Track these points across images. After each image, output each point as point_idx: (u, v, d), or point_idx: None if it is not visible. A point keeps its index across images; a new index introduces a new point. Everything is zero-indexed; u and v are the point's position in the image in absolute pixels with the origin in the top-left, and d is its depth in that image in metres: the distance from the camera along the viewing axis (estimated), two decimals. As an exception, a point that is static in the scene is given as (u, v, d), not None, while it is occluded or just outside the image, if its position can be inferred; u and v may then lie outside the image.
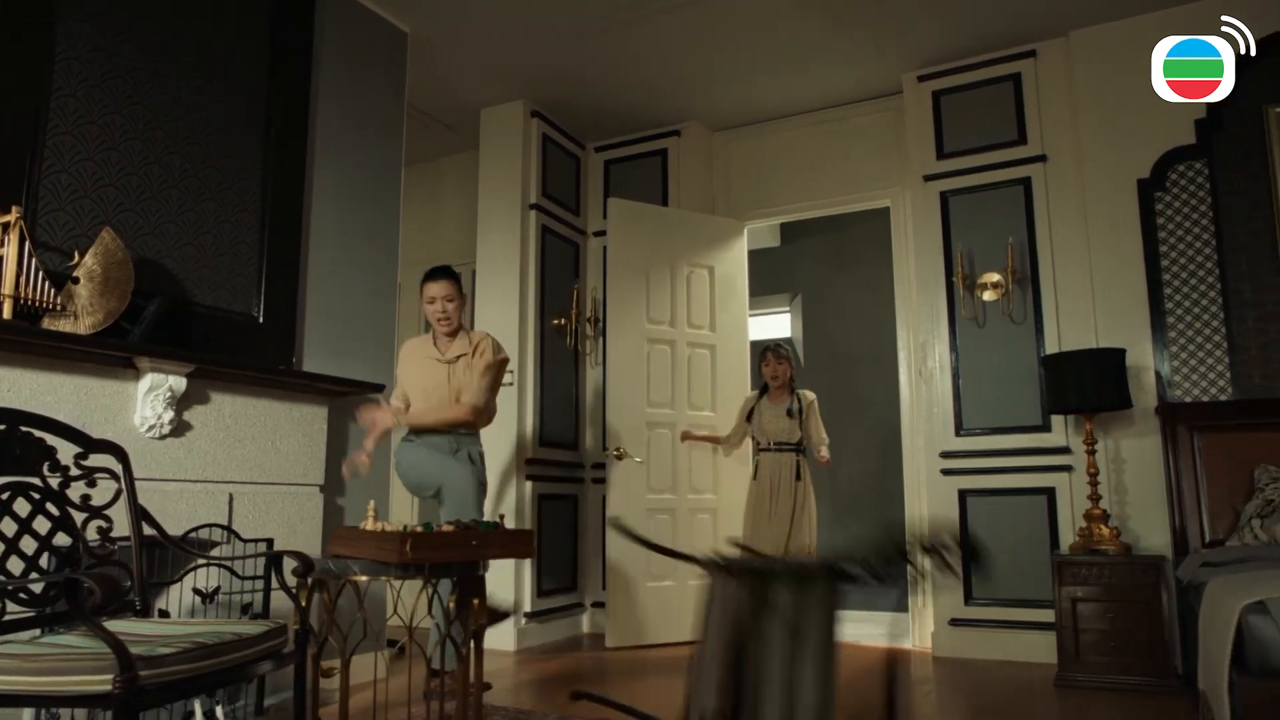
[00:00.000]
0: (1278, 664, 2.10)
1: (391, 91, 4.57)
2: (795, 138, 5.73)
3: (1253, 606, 2.19)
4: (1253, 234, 4.25)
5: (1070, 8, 4.57)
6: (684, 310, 5.45)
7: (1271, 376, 4.14)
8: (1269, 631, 2.12)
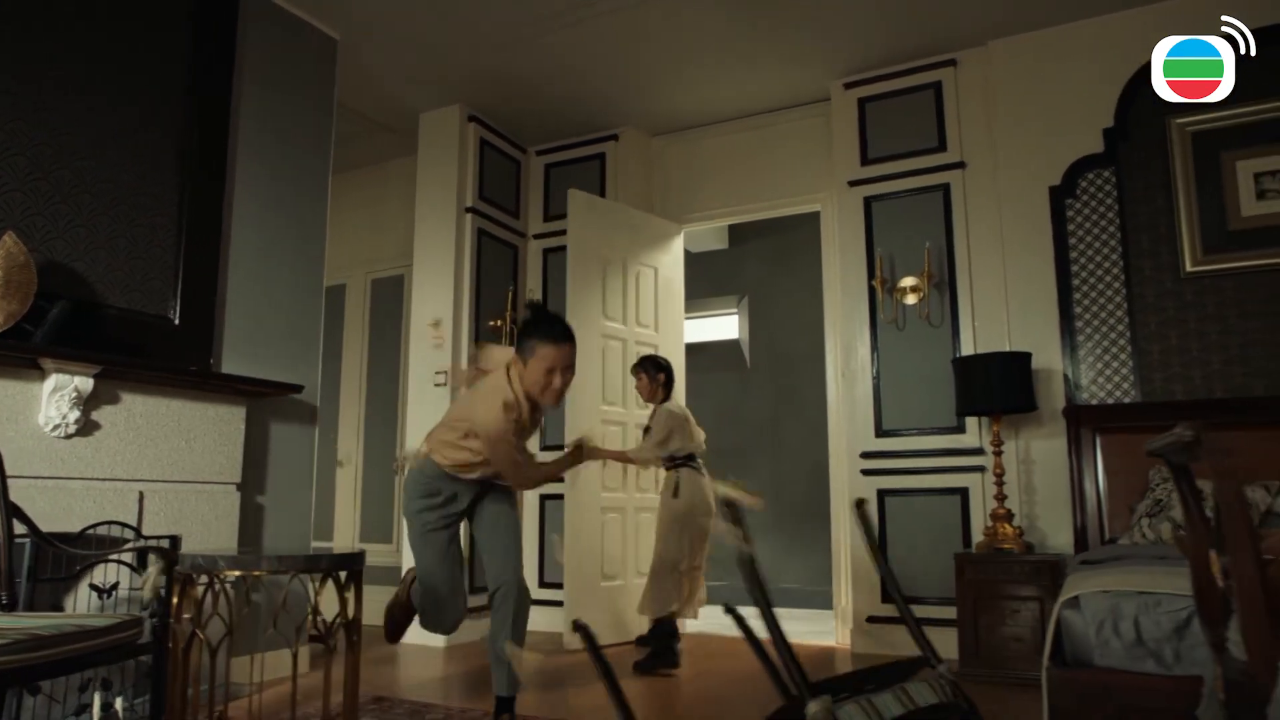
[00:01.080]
0: (1085, 655, 2.20)
1: (320, 97, 4.64)
2: (730, 142, 5.82)
3: (1069, 602, 2.29)
4: (1155, 241, 4.35)
5: (989, 18, 4.67)
6: (633, 309, 5.53)
7: (1172, 379, 4.25)
8: (1078, 625, 2.22)
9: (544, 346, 2.99)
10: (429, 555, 3.26)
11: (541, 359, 2.98)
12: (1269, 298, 4.10)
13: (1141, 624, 2.14)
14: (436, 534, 3.26)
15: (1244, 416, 4.03)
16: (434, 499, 3.24)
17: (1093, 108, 4.54)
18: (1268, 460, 3.88)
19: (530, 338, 3.03)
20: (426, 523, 3.25)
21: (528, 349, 3.02)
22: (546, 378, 3.00)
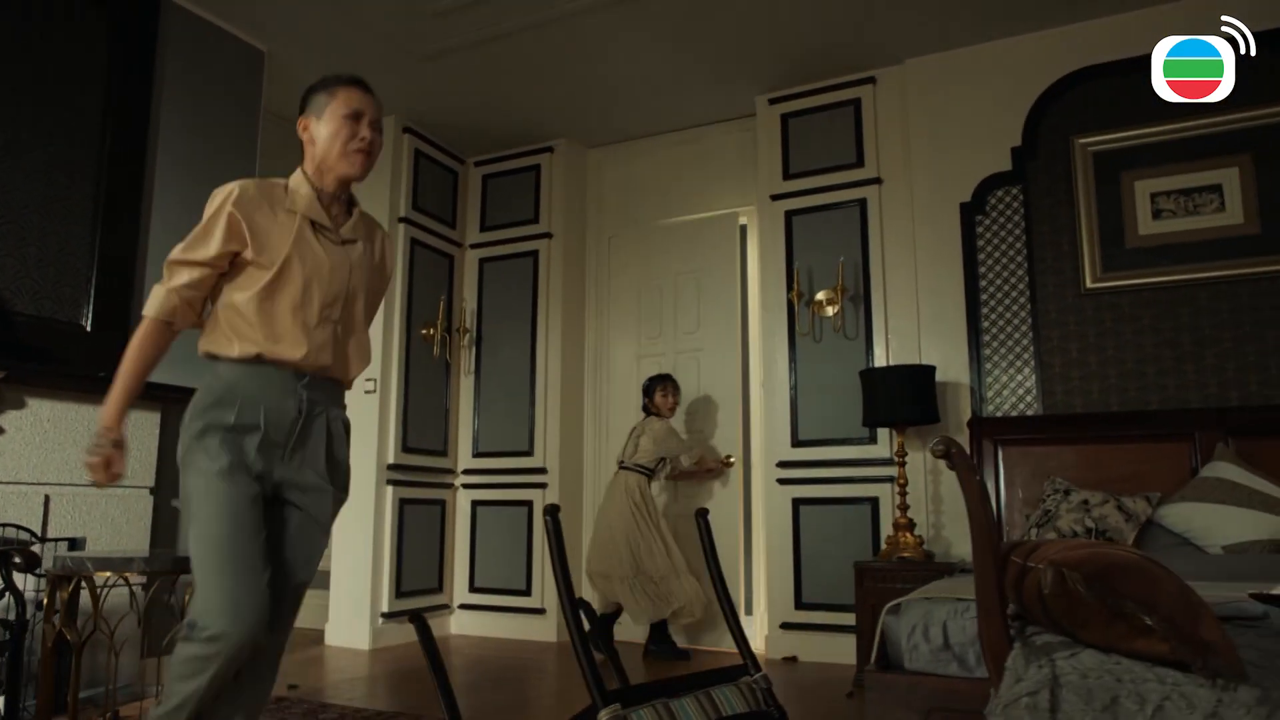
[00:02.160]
0: (898, 659, 2.30)
1: (246, 107, 4.71)
2: (664, 156, 5.92)
3: (892, 608, 2.39)
4: (1059, 257, 4.46)
5: (907, 38, 4.78)
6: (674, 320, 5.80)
7: (1072, 393, 4.36)
8: (896, 630, 2.32)
9: (342, 87, 2.20)
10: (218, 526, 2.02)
11: (342, 100, 2.16)
12: (1162, 314, 4.22)
13: (949, 629, 2.23)
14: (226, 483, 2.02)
15: (1137, 429, 4.14)
16: (233, 424, 2.05)
17: (1003, 126, 4.66)
18: (1157, 472, 4.00)
19: (318, 89, 2.23)
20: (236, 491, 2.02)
21: (318, 99, 2.20)
22: (349, 125, 2.14)
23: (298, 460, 2.08)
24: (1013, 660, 1.89)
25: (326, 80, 2.24)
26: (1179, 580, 1.81)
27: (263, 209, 2.10)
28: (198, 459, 2.00)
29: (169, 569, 2.70)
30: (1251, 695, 1.63)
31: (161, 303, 2.08)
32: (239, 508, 1.97)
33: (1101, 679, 1.78)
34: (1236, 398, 4.04)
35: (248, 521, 1.97)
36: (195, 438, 2.03)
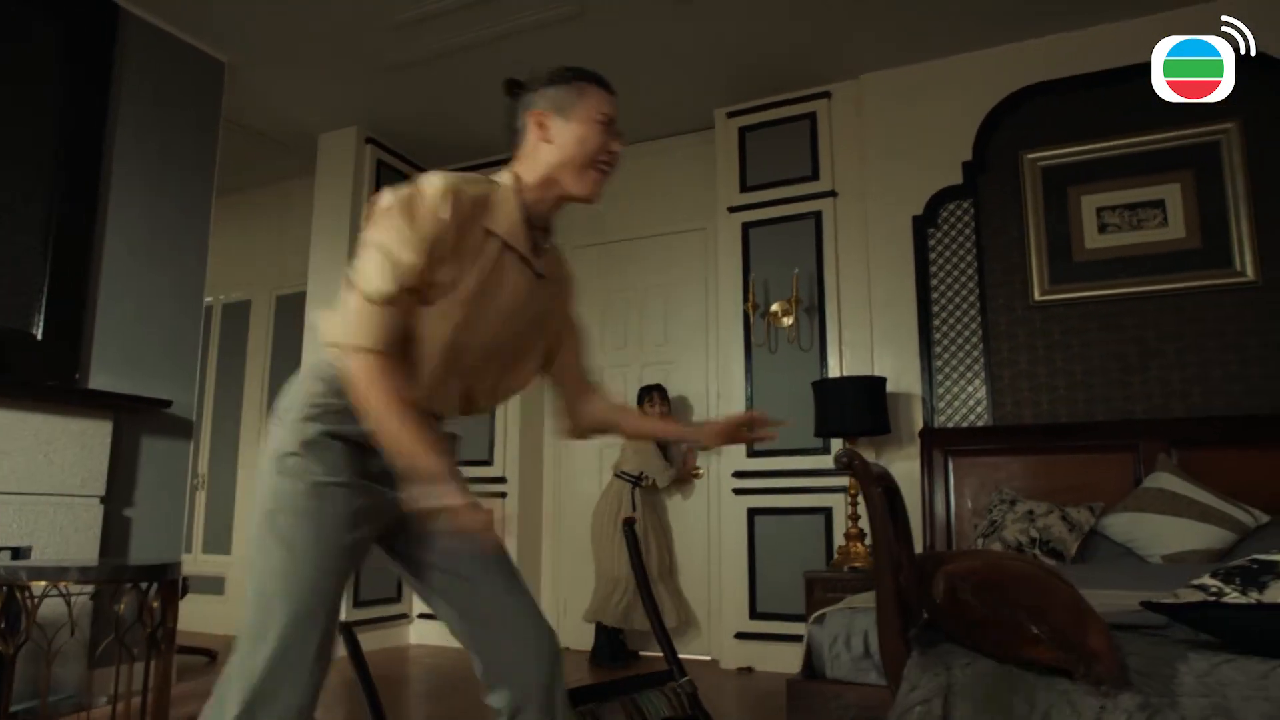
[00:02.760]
0: (821, 668, 2.33)
1: (205, 118, 4.72)
2: (625, 168, 5.90)
3: (817, 618, 2.42)
4: (1009, 270, 4.51)
5: (861, 52, 4.83)
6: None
7: (1021, 404, 4.40)
8: (819, 639, 2.35)
9: (593, 86, 1.79)
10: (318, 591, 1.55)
11: (595, 102, 1.76)
12: (1108, 326, 4.27)
13: (870, 638, 2.26)
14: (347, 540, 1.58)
15: (1084, 440, 4.18)
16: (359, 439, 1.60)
17: (954, 141, 4.71)
18: (1102, 482, 4.05)
19: (560, 81, 1.78)
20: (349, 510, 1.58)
21: (566, 93, 1.76)
22: (602, 133, 1.75)
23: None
24: (909, 669, 1.92)
25: (567, 72, 1.79)
26: (1072, 590, 1.84)
27: (475, 221, 1.64)
28: (320, 468, 1.56)
29: (107, 578, 2.72)
30: (1133, 701, 1.66)
31: (375, 325, 1.53)
32: (348, 553, 1.58)
33: (994, 687, 1.81)
34: (1180, 409, 4.09)
35: (347, 573, 1.59)
36: (312, 444, 1.57)
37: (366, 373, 1.51)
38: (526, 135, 1.77)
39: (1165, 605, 1.87)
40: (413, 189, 1.59)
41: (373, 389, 1.51)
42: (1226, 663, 1.71)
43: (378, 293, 1.51)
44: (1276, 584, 1.72)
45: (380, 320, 1.51)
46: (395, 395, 1.52)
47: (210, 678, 4.40)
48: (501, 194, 1.72)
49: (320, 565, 1.53)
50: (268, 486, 1.57)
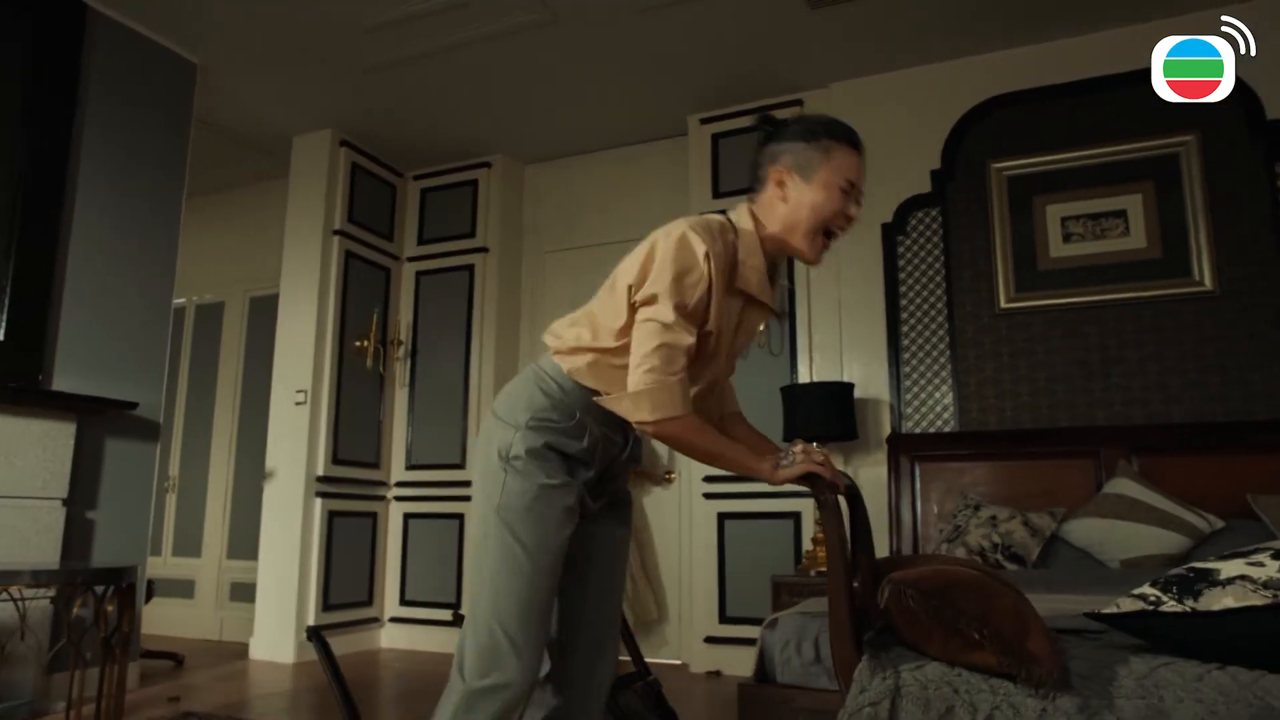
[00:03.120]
0: (772, 671, 2.35)
1: (176, 120, 4.71)
2: (600, 173, 5.98)
3: (769, 623, 2.44)
4: (976, 278, 4.56)
5: (831, 62, 4.87)
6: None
7: (986, 410, 4.45)
8: (771, 643, 2.37)
9: (841, 147, 1.78)
10: (540, 589, 1.71)
11: (839, 165, 1.77)
12: (1071, 334, 4.32)
13: (820, 643, 2.29)
14: (560, 541, 1.74)
15: (1047, 446, 4.23)
16: (574, 454, 1.77)
17: (923, 150, 4.76)
18: (1065, 488, 4.09)
19: (811, 137, 1.79)
20: (564, 508, 1.73)
21: (811, 153, 1.77)
22: (841, 199, 1.78)
23: (606, 496, 1.89)
24: (859, 672, 1.94)
25: (817, 127, 1.81)
26: (1015, 596, 1.87)
27: (729, 277, 1.76)
28: (547, 472, 1.72)
29: (61, 582, 2.70)
30: (1073, 704, 1.69)
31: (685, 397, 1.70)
32: (563, 553, 1.74)
33: (940, 690, 1.84)
34: (1140, 416, 4.15)
35: (559, 569, 1.76)
36: (542, 451, 1.72)
37: (687, 431, 1.71)
38: (766, 186, 1.82)
39: (1108, 616, 1.89)
40: (680, 248, 1.68)
41: (699, 439, 1.73)
42: (1164, 666, 1.74)
43: (674, 375, 1.67)
44: (1210, 592, 1.75)
45: (681, 390, 1.68)
46: (713, 433, 1.77)
47: (177, 682, 4.39)
48: (746, 244, 1.79)
49: (544, 562, 1.70)
50: (497, 483, 1.72)
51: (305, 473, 5.28)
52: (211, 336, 6.56)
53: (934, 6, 4.34)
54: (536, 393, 1.78)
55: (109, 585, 2.78)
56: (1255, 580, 1.68)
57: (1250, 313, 4.06)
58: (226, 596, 6.08)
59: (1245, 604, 1.66)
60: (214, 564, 6.18)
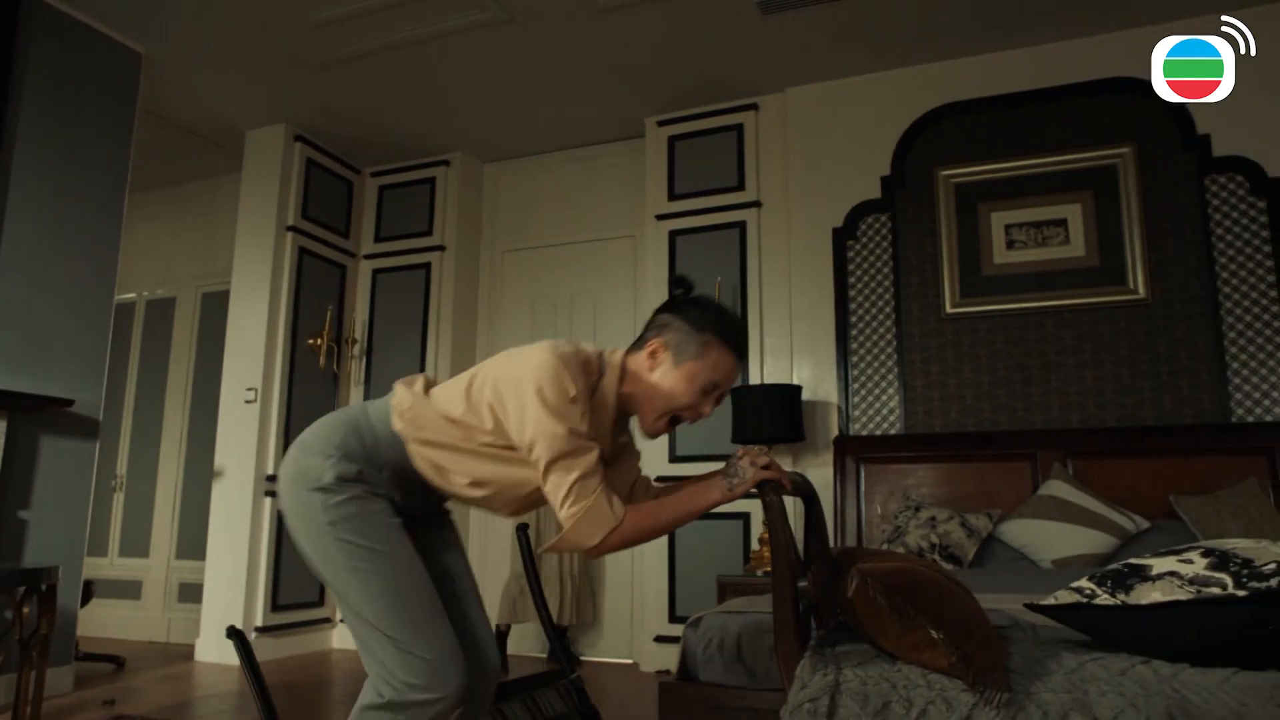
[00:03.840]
0: (694, 669, 2.40)
1: (120, 111, 4.63)
2: (558, 173, 6.01)
3: (692, 622, 2.50)
4: (923, 282, 4.67)
5: (785, 67, 4.95)
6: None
7: (932, 413, 4.55)
8: (693, 642, 2.43)
9: (720, 349, 1.86)
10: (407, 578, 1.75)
11: (710, 365, 1.85)
12: (1013, 339, 4.44)
13: (743, 642, 2.35)
14: (400, 535, 1.79)
15: (987, 449, 4.34)
16: (366, 485, 1.79)
17: (874, 156, 4.86)
18: (1003, 490, 4.21)
19: (698, 327, 1.86)
20: (376, 514, 1.77)
21: (690, 342, 1.85)
22: (698, 396, 1.86)
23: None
24: (801, 669, 2.00)
25: (709, 320, 1.87)
26: (973, 602, 1.94)
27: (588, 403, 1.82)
28: (361, 507, 1.74)
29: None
30: (1004, 697, 1.77)
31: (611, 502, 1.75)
32: (413, 554, 1.77)
33: (879, 686, 1.90)
34: (1076, 420, 4.28)
35: (416, 560, 1.78)
36: (347, 477, 1.75)
37: (632, 530, 1.74)
38: (643, 349, 1.88)
39: (1044, 607, 1.97)
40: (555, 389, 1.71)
41: (649, 524, 1.78)
42: (1093, 660, 1.82)
43: (593, 493, 1.71)
44: (1141, 586, 1.83)
45: (608, 500, 1.72)
46: (650, 511, 1.79)
47: (116, 685, 4.34)
48: (602, 391, 1.84)
49: (394, 551, 1.73)
50: (314, 508, 1.72)
51: (255, 472, 5.24)
52: (162, 333, 6.47)
53: (884, 15, 4.43)
54: (351, 439, 1.80)
55: (26, 587, 2.72)
56: (1182, 576, 1.76)
57: (1180, 320, 4.21)
58: (175, 597, 6.01)
59: (1171, 598, 1.74)
60: (162, 564, 6.11)
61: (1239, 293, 4.16)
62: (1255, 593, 1.65)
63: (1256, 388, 4.07)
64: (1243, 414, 4.07)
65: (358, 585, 1.69)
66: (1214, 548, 1.81)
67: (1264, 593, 1.64)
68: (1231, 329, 4.14)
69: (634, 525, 1.74)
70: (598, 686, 4.29)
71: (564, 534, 1.72)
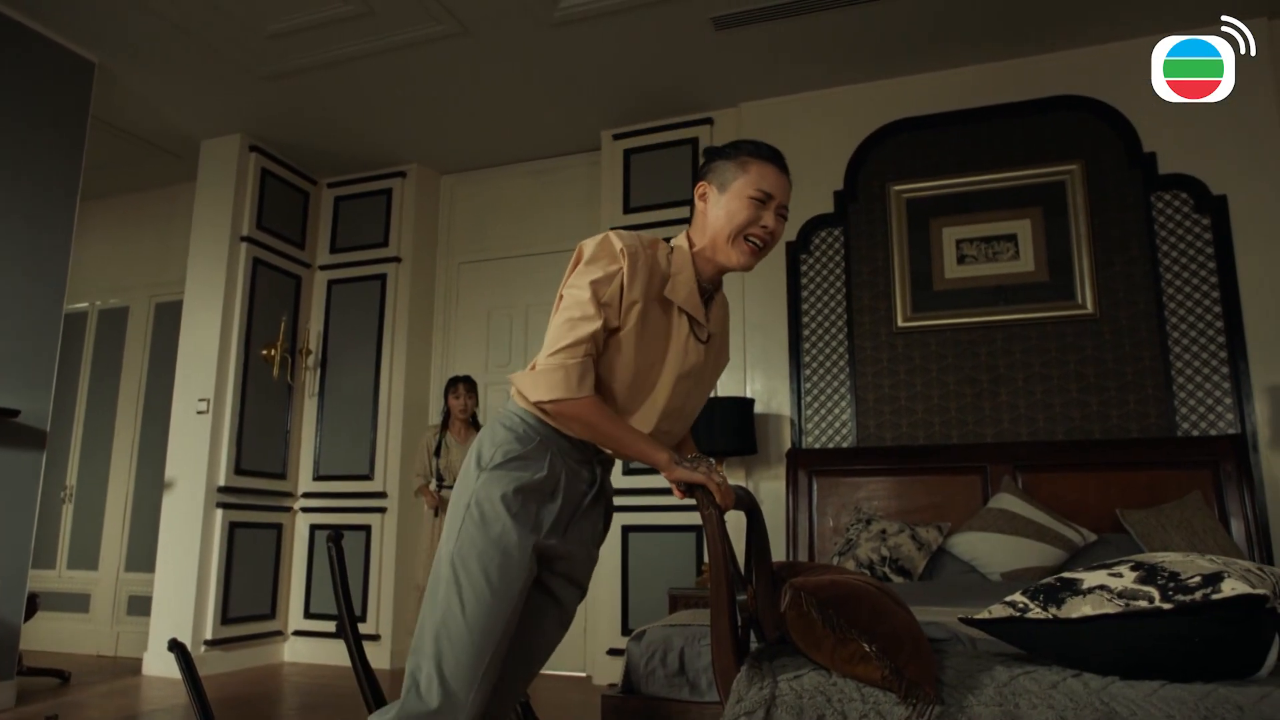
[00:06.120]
0: (637, 683, 2.40)
1: (72, 119, 4.58)
2: (515, 185, 6.00)
3: (636, 635, 2.50)
4: (875, 296, 4.71)
5: (740, 82, 4.99)
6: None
7: (883, 426, 4.59)
8: (635, 655, 2.43)
9: (757, 163, 1.89)
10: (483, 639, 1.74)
11: (754, 178, 1.87)
12: (964, 353, 4.49)
13: (685, 655, 2.35)
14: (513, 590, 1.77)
15: (937, 462, 4.37)
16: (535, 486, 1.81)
17: (827, 170, 4.90)
18: (953, 503, 4.24)
19: (731, 155, 1.92)
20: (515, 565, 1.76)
21: (728, 168, 1.90)
22: (754, 209, 1.86)
23: (575, 533, 1.89)
24: (737, 682, 2.00)
25: (739, 146, 1.94)
26: (907, 615, 1.95)
27: (652, 283, 1.84)
28: (503, 523, 1.75)
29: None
30: (936, 711, 1.78)
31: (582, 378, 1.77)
32: (520, 601, 1.77)
33: (814, 699, 1.90)
34: (1026, 433, 4.33)
35: (516, 618, 1.79)
36: (504, 497, 1.76)
37: (584, 411, 1.77)
38: (695, 204, 1.95)
39: (979, 621, 1.99)
40: (600, 244, 1.82)
41: (597, 421, 1.78)
42: (1025, 674, 1.83)
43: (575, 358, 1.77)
44: (1072, 600, 1.85)
45: (579, 372, 1.77)
46: (613, 418, 1.80)
47: (59, 700, 4.25)
48: (678, 259, 1.90)
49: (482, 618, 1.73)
50: (455, 528, 1.78)
51: (206, 483, 5.17)
52: (114, 342, 6.38)
53: (837, 32, 4.48)
54: (499, 428, 1.86)
55: None
56: (1112, 590, 1.78)
57: (1127, 336, 4.28)
58: (124, 610, 5.91)
59: (1100, 612, 1.76)
60: (111, 577, 6.00)
61: (1184, 308, 4.23)
62: (1180, 605, 1.67)
63: (1201, 402, 4.14)
64: (1188, 428, 4.14)
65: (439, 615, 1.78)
66: (1143, 561, 1.83)
67: (1188, 606, 1.66)
68: (1177, 344, 4.21)
69: (583, 410, 1.77)
70: (548, 700, 4.27)
71: (530, 372, 1.81)
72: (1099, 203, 4.40)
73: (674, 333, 1.89)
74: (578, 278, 1.81)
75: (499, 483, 1.77)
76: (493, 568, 1.73)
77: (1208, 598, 1.62)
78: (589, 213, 5.69)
